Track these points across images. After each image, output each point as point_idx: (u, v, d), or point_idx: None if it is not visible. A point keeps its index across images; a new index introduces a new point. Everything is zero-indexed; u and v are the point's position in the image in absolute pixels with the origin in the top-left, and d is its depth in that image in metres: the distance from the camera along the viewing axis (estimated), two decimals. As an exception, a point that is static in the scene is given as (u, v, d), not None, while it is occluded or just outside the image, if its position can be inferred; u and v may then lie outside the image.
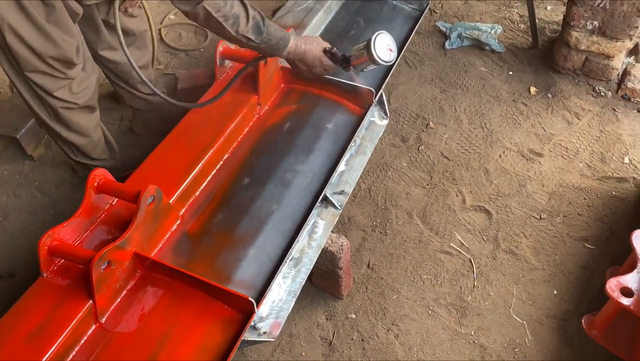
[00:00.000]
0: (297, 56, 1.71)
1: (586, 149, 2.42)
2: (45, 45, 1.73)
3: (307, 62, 1.74)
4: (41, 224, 2.23)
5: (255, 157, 1.76)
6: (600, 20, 2.48)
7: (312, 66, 1.75)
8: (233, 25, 1.53)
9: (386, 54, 1.71)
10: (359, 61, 1.76)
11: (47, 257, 1.35)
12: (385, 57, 1.71)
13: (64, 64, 1.81)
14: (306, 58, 1.72)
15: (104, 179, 1.45)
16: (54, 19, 1.71)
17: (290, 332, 1.90)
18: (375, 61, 1.71)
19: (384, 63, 1.72)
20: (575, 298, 1.95)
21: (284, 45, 1.66)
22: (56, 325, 1.28)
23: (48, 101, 1.89)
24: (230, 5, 1.52)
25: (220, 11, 1.50)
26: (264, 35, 1.59)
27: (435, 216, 2.20)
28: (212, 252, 1.52)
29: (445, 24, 3.02)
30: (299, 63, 1.74)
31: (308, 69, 1.76)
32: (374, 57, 1.70)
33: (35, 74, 1.80)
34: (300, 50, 1.70)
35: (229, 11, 1.51)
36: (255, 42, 1.59)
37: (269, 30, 1.61)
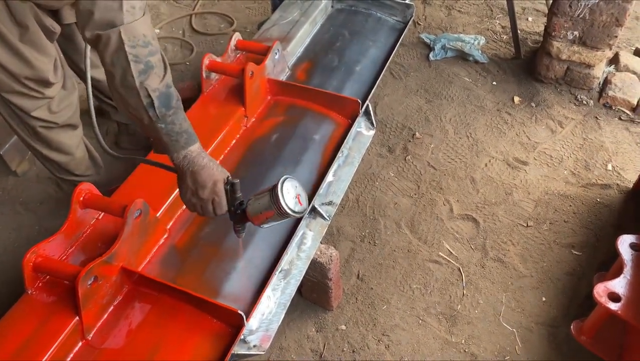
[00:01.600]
0: (192, 166, 1.35)
1: (570, 157, 2.45)
2: (19, 66, 1.69)
3: (199, 179, 1.36)
4: (25, 240, 2.19)
5: (243, 169, 1.76)
6: (580, 31, 2.53)
7: (201, 186, 1.36)
8: (142, 73, 1.24)
9: (296, 204, 1.36)
10: (260, 210, 1.37)
11: (32, 273, 1.33)
12: (296, 209, 1.36)
13: (40, 83, 1.78)
14: (201, 174, 1.35)
15: (89, 193, 1.43)
16: (28, 39, 1.67)
17: (280, 345, 1.88)
18: (283, 213, 1.34)
19: (295, 215, 1.37)
20: (564, 304, 1.96)
21: (186, 143, 1.34)
22: (42, 342, 1.25)
23: (26, 120, 1.87)
24: (150, 52, 1.26)
25: (135, 48, 1.23)
26: (170, 112, 1.29)
27: (424, 226, 2.21)
28: (200, 265, 1.51)
29: (429, 36, 3.06)
30: (188, 176, 1.37)
31: (194, 188, 1.37)
32: (283, 207, 1.33)
33: (11, 95, 1.77)
34: (199, 162, 1.35)
35: (145, 56, 1.25)
36: (153, 113, 1.27)
37: (178, 115, 1.32)
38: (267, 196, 1.35)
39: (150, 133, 1.35)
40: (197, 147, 1.37)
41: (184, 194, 1.41)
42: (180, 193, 1.43)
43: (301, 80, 2.10)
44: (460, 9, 3.29)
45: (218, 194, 1.38)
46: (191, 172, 1.36)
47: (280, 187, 1.33)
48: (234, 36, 2.01)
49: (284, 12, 2.34)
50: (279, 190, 1.33)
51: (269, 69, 1.97)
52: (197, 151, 1.37)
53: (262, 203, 1.36)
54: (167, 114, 1.29)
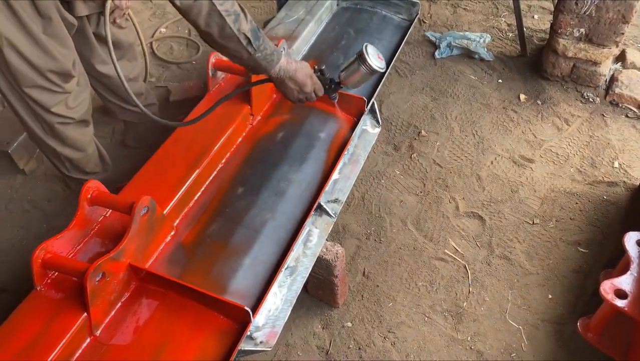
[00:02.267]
0: (288, 73, 1.59)
1: (576, 155, 2.45)
2: (43, 59, 1.71)
3: (298, 80, 1.61)
4: (34, 238, 2.21)
5: (248, 167, 1.77)
6: (586, 28, 2.52)
7: (302, 84, 1.63)
8: (235, 22, 1.44)
9: (378, 61, 1.68)
10: (352, 77, 1.69)
11: (41, 270, 1.34)
12: (379, 65, 1.68)
13: (62, 77, 1.80)
14: (297, 76, 1.61)
15: (97, 190, 1.44)
16: (51, 32, 1.70)
17: (286, 342, 1.89)
18: (372, 70, 1.66)
19: (380, 70, 1.69)
20: (570, 301, 1.96)
21: (278, 58, 1.57)
22: (50, 338, 1.26)
23: (44, 116, 1.88)
24: (231, 3, 1.44)
25: (223, 5, 1.41)
26: (260, 41, 1.50)
27: (429, 223, 2.21)
28: (207, 262, 1.51)
29: (435, 34, 3.05)
30: (288, 81, 1.61)
31: (298, 88, 1.63)
32: (371, 65, 1.65)
33: (33, 90, 1.78)
34: (291, 67, 1.59)
35: (231, 7, 1.43)
36: (252, 47, 1.49)
37: (265, 39, 1.53)
38: (356, 61, 1.67)
39: (250, 64, 1.56)
40: (284, 58, 1.59)
41: (291, 94, 1.67)
42: (287, 96, 1.68)
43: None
44: (466, 7, 3.28)
45: (317, 83, 1.68)
46: (290, 78, 1.61)
47: (365, 50, 1.65)
48: None
49: (290, 11, 2.35)
50: (364, 52, 1.64)
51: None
52: (285, 60, 1.59)
53: (352, 68, 1.68)
54: (260, 43, 1.51)
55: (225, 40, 1.47)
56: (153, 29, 3.23)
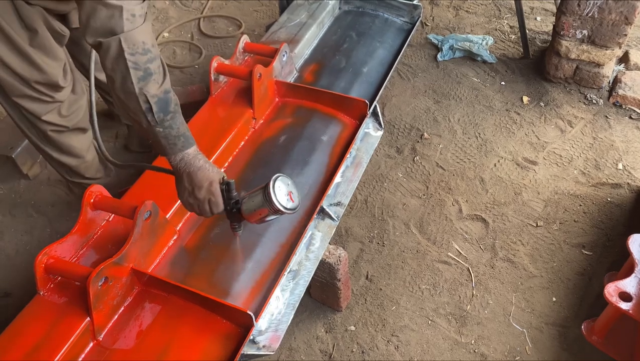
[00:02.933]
0: (189, 168, 1.39)
1: (580, 157, 2.44)
2: (29, 71, 1.71)
3: (195, 180, 1.39)
4: (37, 243, 2.22)
5: (251, 170, 1.77)
6: (589, 29, 2.52)
7: (198, 186, 1.40)
8: (140, 80, 1.28)
9: (287, 201, 1.41)
10: (255, 212, 1.42)
11: (44, 275, 1.35)
12: (287, 205, 1.40)
13: (50, 87, 1.80)
14: (197, 175, 1.39)
15: (100, 195, 1.44)
16: (38, 44, 1.69)
17: (289, 345, 1.89)
18: (276, 209, 1.39)
19: (286, 211, 1.41)
20: (574, 304, 1.95)
21: (183, 147, 1.37)
22: (54, 343, 1.27)
23: (36, 124, 1.88)
24: (149, 59, 1.28)
25: (135, 55, 1.26)
26: (168, 118, 1.33)
27: (432, 226, 2.21)
28: (209, 266, 1.52)
29: (437, 37, 3.05)
30: (185, 177, 1.40)
31: (191, 189, 1.41)
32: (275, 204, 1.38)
33: (22, 99, 1.78)
34: (195, 163, 1.39)
35: (144, 63, 1.28)
36: (152, 118, 1.31)
37: (176, 119, 1.35)
38: (260, 195, 1.39)
39: (149, 136, 1.38)
40: (193, 149, 1.40)
41: (182, 194, 1.45)
42: (178, 194, 1.46)
43: (309, 81, 2.10)
44: (468, 10, 3.28)
45: (214, 194, 1.41)
46: (187, 174, 1.40)
47: (272, 185, 1.38)
48: (242, 39, 2.02)
49: (292, 15, 2.35)
50: (271, 188, 1.37)
51: (277, 71, 1.98)
52: (193, 153, 1.40)
53: (256, 202, 1.40)
54: (165, 118, 1.33)
55: (125, 95, 1.31)
56: (155, 33, 3.24)
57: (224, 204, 1.44)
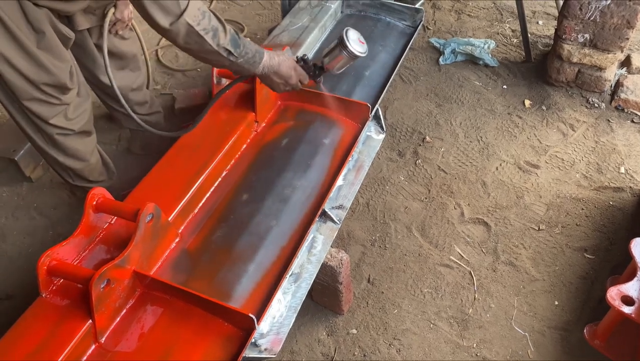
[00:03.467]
0: (272, 69, 1.63)
1: (582, 160, 2.44)
2: (37, 73, 1.72)
3: (282, 73, 1.66)
4: (40, 245, 2.22)
5: (253, 173, 1.77)
6: (591, 33, 2.52)
7: (287, 77, 1.67)
8: (214, 37, 1.47)
9: (360, 46, 1.68)
10: (334, 61, 1.71)
11: (46, 277, 1.35)
12: (361, 49, 1.68)
13: (58, 89, 1.81)
14: (281, 70, 1.64)
15: (102, 198, 1.45)
16: (45, 46, 1.70)
17: (291, 349, 1.89)
18: (352, 55, 1.67)
19: (361, 54, 1.68)
20: (577, 308, 1.94)
21: (260, 58, 1.60)
22: (55, 345, 1.27)
23: (43, 128, 1.89)
24: (208, 19, 1.46)
25: (200, 24, 1.44)
26: (241, 48, 1.54)
27: (434, 230, 2.21)
28: (211, 269, 1.52)
29: (439, 40, 3.06)
30: (273, 76, 1.66)
31: (284, 81, 1.68)
32: (352, 51, 1.65)
33: (31, 103, 1.79)
34: (274, 63, 1.63)
35: (208, 24, 1.46)
36: (233, 56, 1.53)
37: (245, 43, 1.56)
38: (338, 47, 1.67)
39: (233, 68, 1.60)
40: (267, 55, 1.61)
41: (277, 87, 1.71)
42: (273, 88, 1.72)
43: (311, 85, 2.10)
44: (470, 13, 3.29)
45: (301, 74, 1.71)
46: (274, 72, 1.64)
47: (345, 35, 1.65)
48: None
49: (294, 18, 2.36)
50: (345, 37, 1.65)
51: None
52: (268, 56, 1.62)
53: (334, 54, 1.69)
54: (240, 50, 1.54)
55: (206, 54, 1.53)
56: (158, 36, 3.25)
57: (308, 75, 1.73)
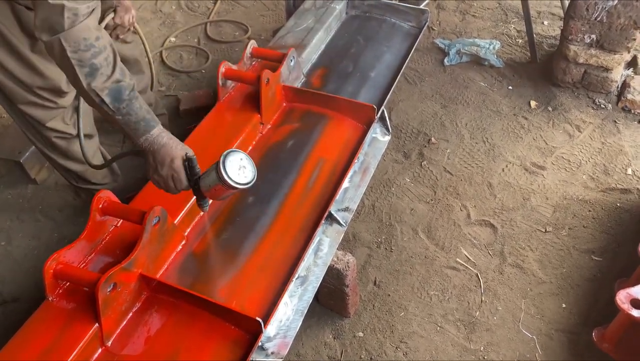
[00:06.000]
0: (152, 146, 1.41)
1: (589, 162, 2.42)
2: (31, 77, 1.71)
3: (158, 157, 1.42)
4: (45, 248, 2.22)
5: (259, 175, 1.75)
6: (597, 34, 2.51)
7: (160, 163, 1.42)
8: (87, 76, 1.30)
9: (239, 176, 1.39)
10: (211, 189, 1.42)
11: (53, 280, 1.34)
12: (240, 180, 1.39)
13: (53, 93, 1.80)
14: (160, 152, 1.41)
15: (108, 200, 1.44)
16: (39, 49, 1.69)
17: (297, 352, 1.88)
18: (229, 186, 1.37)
19: (239, 187, 1.39)
20: (585, 311, 1.93)
21: (145, 129, 1.40)
22: (62, 349, 1.26)
23: (41, 131, 1.89)
24: (93, 54, 1.29)
25: (77, 53, 1.27)
26: (123, 105, 1.35)
27: (441, 232, 2.19)
28: (217, 272, 1.51)
29: (444, 41, 3.05)
30: (149, 155, 1.43)
31: (155, 166, 1.43)
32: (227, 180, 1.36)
33: (26, 106, 1.79)
34: (159, 141, 1.41)
35: (89, 59, 1.28)
36: (109, 108, 1.35)
37: (133, 105, 1.37)
38: (214, 172, 1.38)
39: (113, 124, 1.41)
40: (157, 130, 1.42)
41: (147, 172, 1.47)
42: (145, 172, 1.48)
43: (316, 86, 2.10)
44: (475, 14, 3.28)
45: (176, 170, 1.42)
46: (151, 152, 1.42)
47: (222, 161, 1.36)
48: (249, 44, 2.02)
49: (299, 19, 2.35)
50: (221, 165, 1.36)
51: (285, 76, 1.98)
52: (156, 133, 1.42)
53: (211, 179, 1.40)
54: (121, 107, 1.35)
55: (79, 90, 1.36)
56: (162, 38, 3.25)
57: (187, 180, 1.44)
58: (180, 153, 1.43)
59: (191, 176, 1.44)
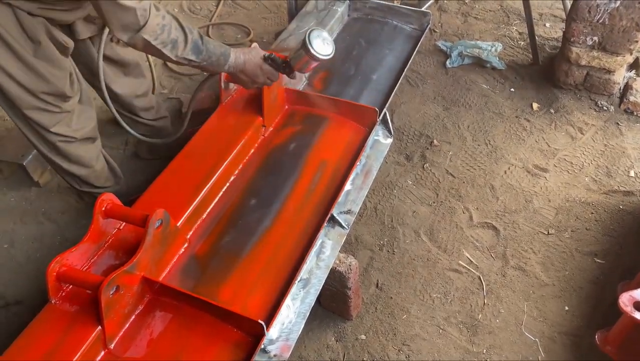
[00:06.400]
0: (238, 68, 1.66)
1: (591, 164, 2.42)
2: (35, 82, 1.72)
3: (248, 72, 1.67)
4: (48, 250, 2.22)
5: (261, 178, 1.77)
6: (600, 36, 2.50)
7: (253, 75, 1.69)
8: (172, 50, 1.52)
9: (324, 48, 1.63)
10: (300, 62, 1.67)
11: (56, 283, 1.35)
12: (324, 51, 1.63)
13: (57, 98, 1.81)
14: (246, 68, 1.66)
15: (111, 203, 1.45)
16: (42, 55, 1.70)
17: (300, 355, 1.88)
18: (315, 57, 1.63)
19: (324, 57, 1.63)
20: (587, 313, 1.93)
21: (225, 60, 1.63)
22: (65, 352, 1.27)
23: (46, 136, 1.89)
24: (167, 31, 1.50)
25: (157, 39, 1.48)
26: (203, 54, 1.58)
27: (443, 234, 2.19)
28: (220, 274, 1.51)
29: (446, 43, 3.05)
30: (240, 74, 1.68)
31: (250, 79, 1.70)
32: (313, 53, 1.61)
33: (31, 111, 1.79)
34: (240, 62, 1.65)
35: (167, 37, 1.50)
36: (195, 62, 1.58)
37: (209, 48, 1.59)
38: (301, 48, 1.62)
39: (201, 69, 1.66)
40: (233, 55, 1.64)
41: (246, 85, 1.74)
42: (243, 86, 1.77)
43: (318, 89, 2.11)
44: (477, 16, 3.28)
45: (267, 72, 1.69)
46: (240, 71, 1.67)
47: (308, 37, 1.60)
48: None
49: (301, 22, 2.36)
50: (307, 39, 1.60)
51: (286, 79, 1.97)
52: (234, 56, 1.64)
53: (299, 54, 1.64)
54: (203, 56, 1.58)
55: (169, 60, 1.58)
56: (165, 41, 3.26)
57: (279, 71, 1.70)
58: (260, 59, 1.67)
59: (279, 66, 1.69)
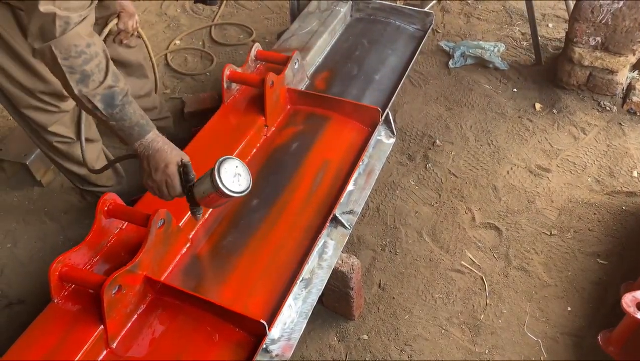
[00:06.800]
0: (147, 151, 1.40)
1: (594, 164, 2.41)
2: (33, 81, 1.72)
3: (152, 162, 1.41)
4: (50, 250, 2.23)
5: (263, 178, 1.77)
6: (603, 36, 2.50)
7: (155, 169, 1.40)
8: (79, 82, 1.29)
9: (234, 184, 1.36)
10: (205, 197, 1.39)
11: (58, 282, 1.35)
12: (235, 187, 1.36)
13: (55, 97, 1.81)
14: (154, 157, 1.40)
15: (113, 203, 1.45)
16: None
17: (302, 355, 1.88)
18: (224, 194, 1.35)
19: (235, 194, 1.36)
20: (590, 314, 1.92)
21: (139, 135, 1.39)
22: (67, 351, 1.27)
23: (43, 135, 1.90)
24: (84, 61, 1.28)
25: (68, 60, 1.26)
26: (115, 110, 1.34)
27: (445, 234, 2.19)
28: (222, 274, 1.51)
29: (448, 43, 3.04)
30: (144, 160, 1.42)
31: (149, 171, 1.42)
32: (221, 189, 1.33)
33: (29, 110, 1.80)
34: (153, 147, 1.40)
35: (80, 66, 1.27)
36: (102, 114, 1.34)
37: (126, 110, 1.36)
38: (208, 179, 1.35)
39: (109, 130, 1.41)
40: (151, 134, 1.41)
41: (141, 177, 1.46)
42: (139, 177, 1.47)
43: (321, 89, 2.10)
44: (479, 16, 3.27)
45: (170, 176, 1.40)
46: (146, 157, 1.41)
47: (217, 169, 1.34)
48: (254, 47, 2.02)
49: (303, 22, 2.36)
50: (216, 172, 1.33)
51: (289, 79, 1.98)
52: (151, 137, 1.41)
53: (205, 186, 1.37)
54: (114, 112, 1.34)
55: (71, 96, 1.35)
56: (167, 40, 3.27)
57: (181, 186, 1.42)
58: (175, 159, 1.41)
59: (185, 182, 1.41)
